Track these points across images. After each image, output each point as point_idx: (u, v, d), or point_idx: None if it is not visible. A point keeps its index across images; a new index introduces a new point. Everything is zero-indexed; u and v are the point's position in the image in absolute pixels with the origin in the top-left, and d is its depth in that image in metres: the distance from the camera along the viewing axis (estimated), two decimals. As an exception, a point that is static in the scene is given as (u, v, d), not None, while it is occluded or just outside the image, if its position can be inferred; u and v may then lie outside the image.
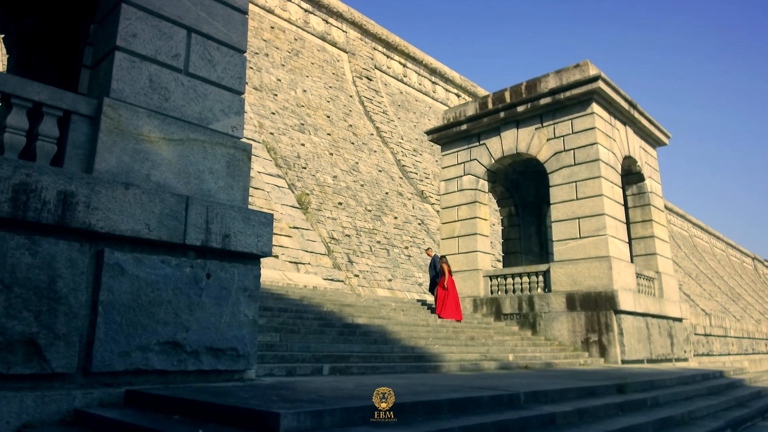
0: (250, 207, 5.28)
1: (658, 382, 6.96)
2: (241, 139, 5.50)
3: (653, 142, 15.59)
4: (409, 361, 7.62)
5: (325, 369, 6.18)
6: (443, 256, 13.08)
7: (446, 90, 50.79)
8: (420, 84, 47.69)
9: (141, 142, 4.73)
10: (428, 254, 13.96)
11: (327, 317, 8.89)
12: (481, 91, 51.78)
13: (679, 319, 14.36)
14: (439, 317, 11.90)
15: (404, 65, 46.39)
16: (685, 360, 14.27)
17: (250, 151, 5.50)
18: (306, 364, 6.19)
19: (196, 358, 4.60)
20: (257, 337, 5.12)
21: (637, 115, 14.09)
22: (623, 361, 11.38)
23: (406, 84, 46.35)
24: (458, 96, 51.09)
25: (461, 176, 14.95)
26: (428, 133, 15.93)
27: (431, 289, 13.34)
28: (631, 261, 13.68)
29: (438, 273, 12.88)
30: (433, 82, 49.42)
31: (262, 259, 5.33)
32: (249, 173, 5.45)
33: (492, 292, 13.84)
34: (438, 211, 34.10)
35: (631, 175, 14.60)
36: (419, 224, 31.33)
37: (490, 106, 14.42)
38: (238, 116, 5.56)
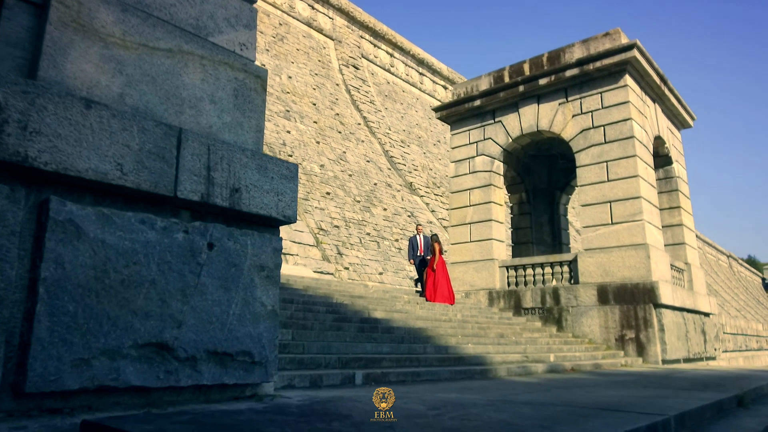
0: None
1: (758, 389, 5.67)
2: (254, 62, 3.98)
3: (678, 123, 14.42)
4: (448, 364, 6.19)
5: (358, 377, 4.70)
6: (434, 235, 11.77)
7: (433, 82, 49.75)
8: (407, 75, 46.45)
9: (111, 47, 3.18)
10: (417, 231, 12.53)
11: (340, 310, 7.41)
12: (470, 83, 50.60)
13: (708, 314, 13.22)
14: (427, 300, 10.73)
15: (391, 55, 45.11)
16: (714, 359, 13.14)
17: (266, 78, 3.98)
18: (333, 371, 4.70)
19: (193, 367, 3.08)
20: (278, 336, 3.61)
21: (667, 91, 12.87)
22: (664, 361, 10.13)
23: (393, 74, 45.07)
24: (445, 88, 50.08)
25: (473, 157, 13.55)
26: (436, 110, 14.48)
27: (419, 272, 12.19)
28: (660, 251, 12.46)
29: (425, 254, 11.84)
30: (421, 74, 48.27)
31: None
32: (264, 108, 3.94)
33: (509, 284, 12.49)
34: (427, 204, 32.85)
35: (658, 157, 13.40)
36: (409, 216, 30.02)
37: (507, 79, 13.04)
38: (249, 31, 4.04)
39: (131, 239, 2.94)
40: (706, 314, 13.04)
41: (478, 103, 13.43)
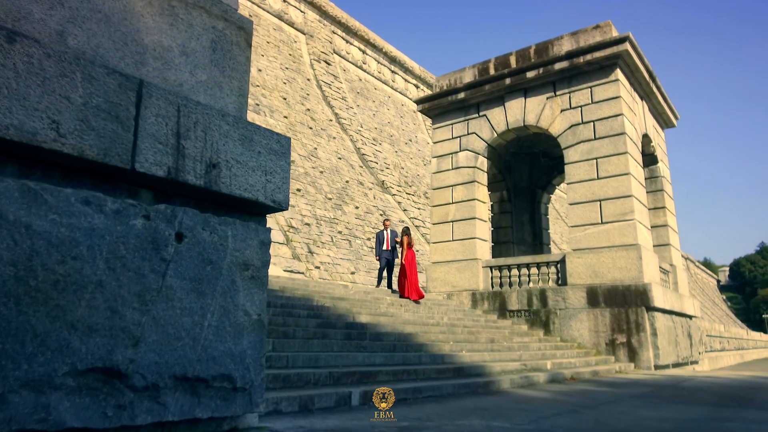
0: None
1: (786, 402, 5.18)
2: (237, 11, 3.21)
3: (663, 122, 14.17)
4: (448, 376, 5.52)
5: (355, 397, 3.98)
6: (405, 228, 11.16)
7: (405, 80, 49.39)
8: (379, 72, 45.91)
9: (47, -31, 2.37)
10: (384, 225, 11.86)
11: (322, 314, 6.66)
12: (443, 82, 50.36)
13: (692, 317, 12.97)
14: (411, 300, 10.23)
15: (364, 52, 44.47)
16: (697, 362, 12.89)
17: (251, 32, 3.22)
18: (325, 390, 3.96)
19: (155, 399, 2.29)
20: (265, 352, 2.85)
21: (654, 89, 12.55)
22: (656, 367, 9.73)
23: (365, 71, 44.44)
24: (417, 87, 49.81)
25: (456, 152, 12.95)
26: (418, 102, 13.84)
27: (383, 269, 11.66)
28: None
29: (392, 249, 11.27)
30: (393, 71, 47.81)
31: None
32: (248, 68, 3.18)
33: (493, 286, 11.93)
34: (399, 203, 32.29)
35: (644, 156, 13.06)
36: (381, 215, 29.44)
37: (493, 71, 12.49)
38: (230, -28, 3.26)
39: (70, 225, 2.15)
40: (691, 317, 12.79)
41: (462, 95, 12.84)
